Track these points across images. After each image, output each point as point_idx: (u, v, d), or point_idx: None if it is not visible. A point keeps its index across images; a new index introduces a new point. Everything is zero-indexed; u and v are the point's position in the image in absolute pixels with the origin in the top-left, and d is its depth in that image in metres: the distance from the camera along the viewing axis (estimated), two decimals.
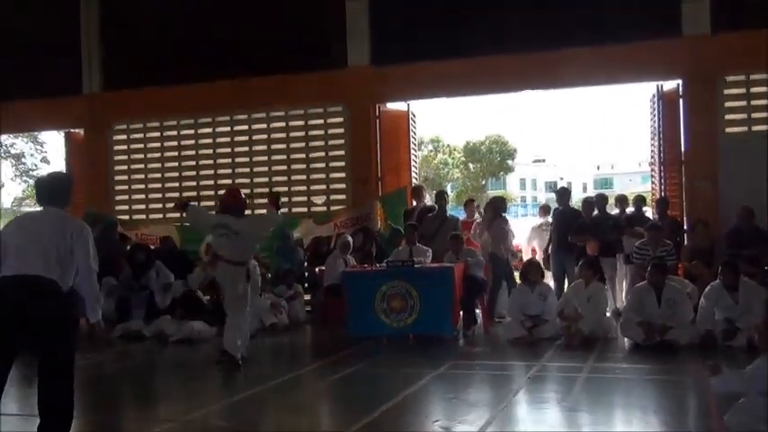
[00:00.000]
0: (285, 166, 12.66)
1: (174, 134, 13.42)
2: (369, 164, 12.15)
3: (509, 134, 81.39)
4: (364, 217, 11.69)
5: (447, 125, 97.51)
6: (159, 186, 13.45)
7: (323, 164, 12.52)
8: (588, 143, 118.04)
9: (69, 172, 12.79)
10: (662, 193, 11.35)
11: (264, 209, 9.55)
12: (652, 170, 12.36)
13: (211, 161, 13.12)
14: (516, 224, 12.87)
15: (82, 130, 13.98)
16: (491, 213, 10.68)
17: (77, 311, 4.61)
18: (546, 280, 9.92)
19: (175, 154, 13.36)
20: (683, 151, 11.12)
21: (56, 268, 4.42)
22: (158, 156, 13.47)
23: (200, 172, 13.13)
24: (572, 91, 15.95)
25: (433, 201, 11.59)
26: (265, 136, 12.84)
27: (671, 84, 11.30)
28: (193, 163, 13.18)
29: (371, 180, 12.12)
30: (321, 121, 12.57)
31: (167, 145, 13.45)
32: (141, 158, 13.53)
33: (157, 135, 13.52)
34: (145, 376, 8.26)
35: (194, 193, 13.03)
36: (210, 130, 13.17)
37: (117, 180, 13.60)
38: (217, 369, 7.60)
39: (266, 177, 12.73)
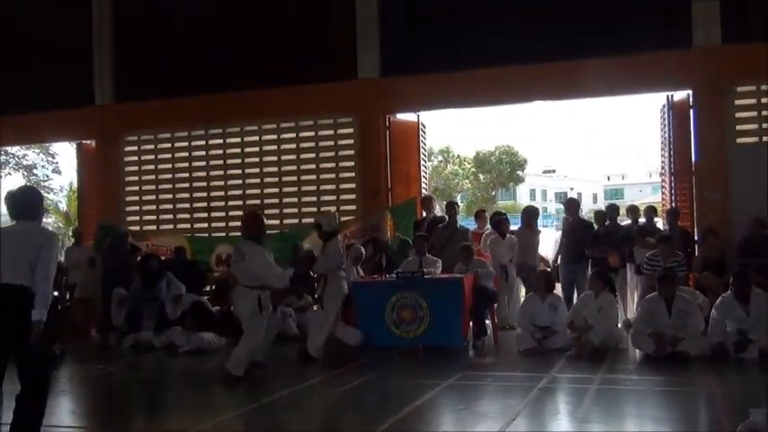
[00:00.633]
0: (295, 177, 12.70)
1: (185, 145, 13.51)
2: (378, 174, 12.17)
3: (519, 144, 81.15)
4: (374, 227, 11.67)
5: (457, 136, 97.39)
6: (170, 197, 13.53)
7: (333, 174, 12.57)
8: (598, 153, 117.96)
9: (36, 187, 12.96)
10: (672, 204, 11.32)
11: (274, 220, 9.42)
12: (662, 181, 12.33)
13: (222, 172, 13.18)
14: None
15: (93, 142, 14.09)
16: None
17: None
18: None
19: (186, 165, 13.45)
20: (694, 162, 11.10)
21: (28, 274, 4.86)
22: (169, 167, 13.56)
23: (210, 183, 13.19)
24: (582, 101, 15.96)
25: (444, 211, 11.58)
26: (275, 147, 12.89)
27: (681, 94, 11.29)
28: (204, 174, 13.24)
29: (381, 190, 12.13)
30: (331, 132, 12.62)
31: (178, 156, 13.55)
32: (152, 169, 13.62)
33: (168, 146, 13.63)
34: (155, 387, 8.27)
35: (204, 204, 13.12)
36: (221, 141, 13.25)
37: (128, 191, 13.69)
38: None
39: (276, 188, 12.78)
